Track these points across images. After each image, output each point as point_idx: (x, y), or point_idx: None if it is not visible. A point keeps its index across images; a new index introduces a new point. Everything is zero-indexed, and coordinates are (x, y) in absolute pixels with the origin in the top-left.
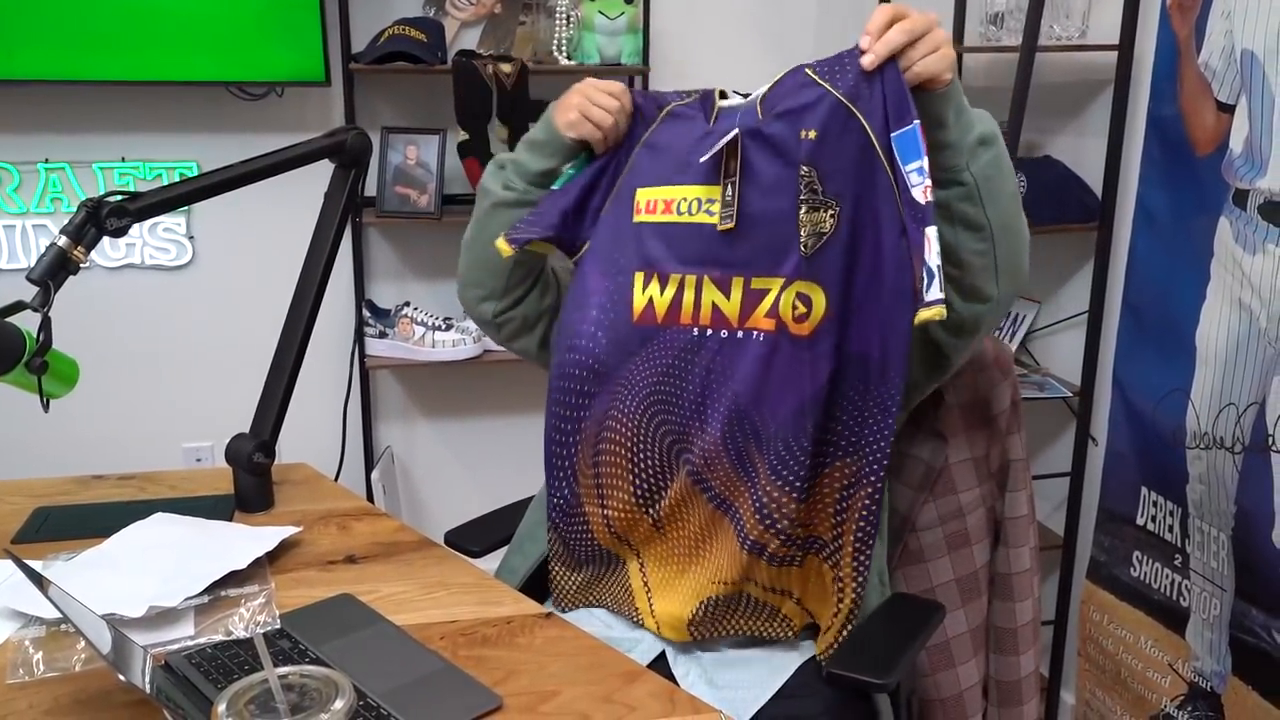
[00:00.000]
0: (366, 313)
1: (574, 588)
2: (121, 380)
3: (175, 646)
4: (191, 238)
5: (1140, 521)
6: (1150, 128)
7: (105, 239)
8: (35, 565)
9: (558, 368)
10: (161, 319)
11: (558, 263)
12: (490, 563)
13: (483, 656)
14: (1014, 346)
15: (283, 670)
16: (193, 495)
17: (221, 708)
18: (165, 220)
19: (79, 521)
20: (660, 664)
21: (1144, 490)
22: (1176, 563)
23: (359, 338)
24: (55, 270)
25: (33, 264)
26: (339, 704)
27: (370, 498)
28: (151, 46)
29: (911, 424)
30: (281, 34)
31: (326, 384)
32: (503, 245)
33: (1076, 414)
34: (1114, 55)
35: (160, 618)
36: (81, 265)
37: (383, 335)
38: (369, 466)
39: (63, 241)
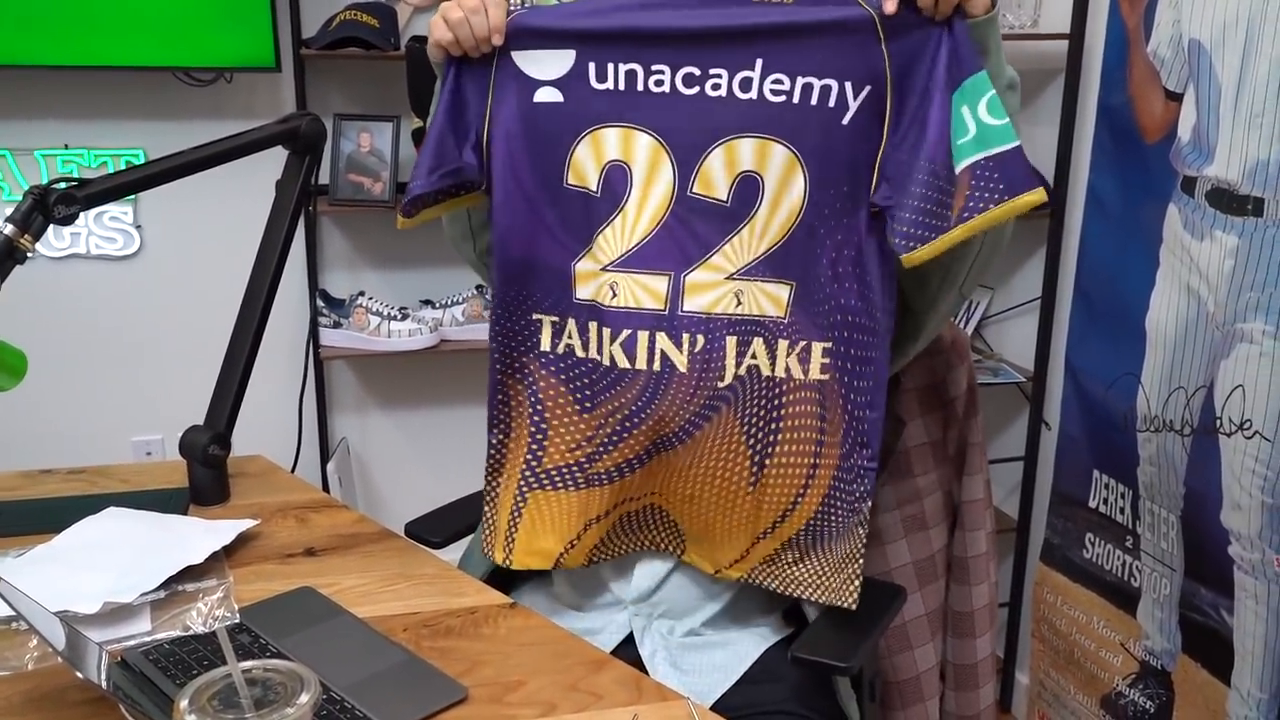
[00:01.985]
0: (320, 303)
1: None
2: (68, 372)
3: (132, 643)
4: (139, 226)
5: (1093, 504)
6: (1100, 116)
7: (51, 227)
8: None
9: None
10: (108, 310)
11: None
12: (452, 553)
13: (447, 648)
14: (969, 332)
15: (246, 664)
16: (145, 489)
17: (184, 703)
18: (111, 209)
19: (28, 517)
20: (629, 646)
21: (1096, 473)
22: (1128, 544)
23: (313, 328)
24: (1, 260)
25: None
26: (304, 698)
27: (326, 490)
28: (95, 30)
29: None
30: (230, 18)
31: (280, 375)
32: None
33: (1030, 399)
34: (1065, 44)
35: (115, 614)
36: (28, 255)
37: (337, 325)
38: (325, 458)
39: (9, 230)
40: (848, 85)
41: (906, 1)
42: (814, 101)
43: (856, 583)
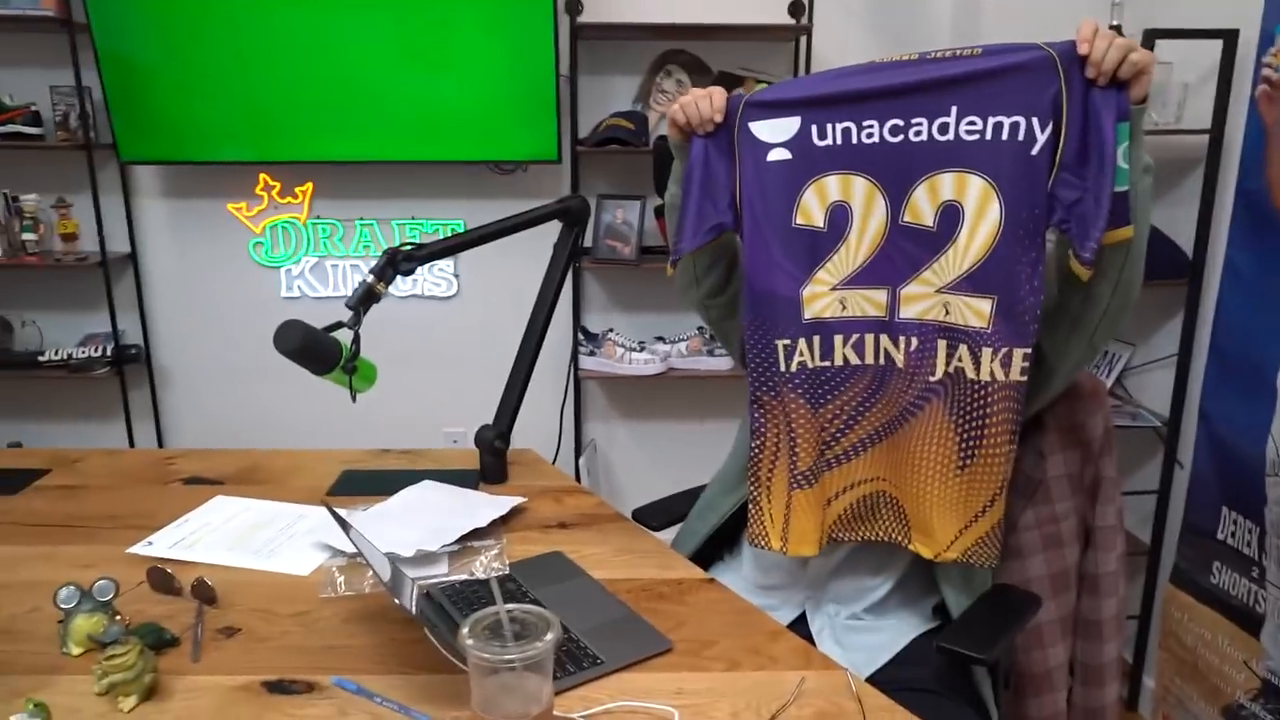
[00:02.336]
0: (580, 336)
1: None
2: (405, 380)
3: (434, 581)
4: (457, 275)
5: (1221, 536)
6: (1238, 198)
7: (399, 277)
8: (341, 513)
9: None
10: (434, 336)
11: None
12: (667, 534)
13: (658, 609)
14: (1110, 382)
15: (510, 606)
16: (450, 468)
17: (465, 630)
18: (440, 263)
19: (372, 483)
20: (800, 624)
21: (1225, 509)
22: (1254, 574)
23: (574, 355)
24: (364, 300)
25: (349, 294)
26: (550, 636)
27: (578, 479)
28: (434, 136)
29: (1020, 443)
30: (527, 126)
31: (549, 389)
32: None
33: (1164, 441)
34: (1205, 138)
35: (424, 558)
36: (382, 296)
37: (592, 354)
38: (577, 454)
39: (370, 279)
40: (1034, 120)
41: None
42: (1005, 137)
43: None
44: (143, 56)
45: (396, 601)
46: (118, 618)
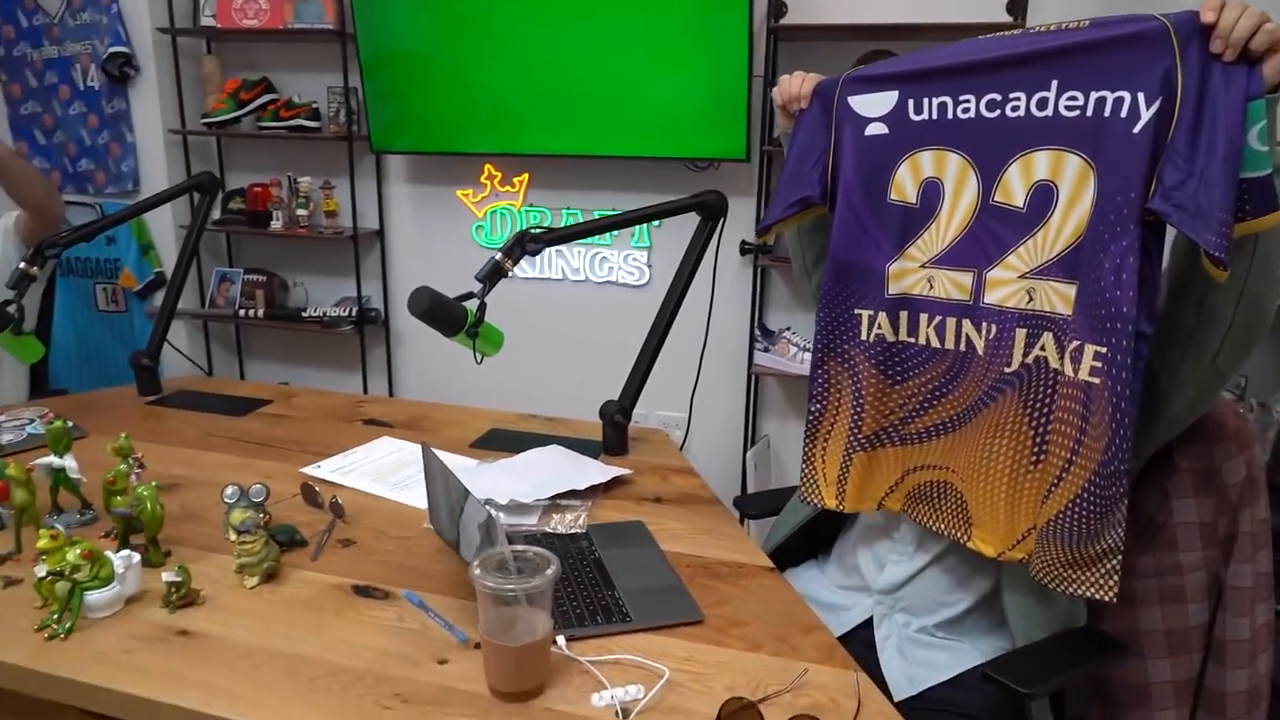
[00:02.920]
0: (758, 332)
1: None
2: (596, 360)
3: (523, 530)
4: (650, 265)
5: None
6: None
7: (526, 258)
8: (473, 462)
9: None
10: (624, 322)
11: None
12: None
13: (709, 586)
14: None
15: (516, 548)
16: (580, 437)
17: (476, 563)
18: (634, 253)
19: (513, 441)
20: (867, 629)
21: None
22: None
23: (751, 351)
24: (492, 275)
25: (553, 275)
26: (549, 571)
27: (743, 471)
28: (636, 133)
29: (1141, 475)
30: (720, 125)
31: (729, 383)
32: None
33: None
34: None
35: (518, 508)
36: (509, 272)
37: (766, 350)
38: (745, 448)
39: (499, 257)
40: (1140, 96)
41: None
42: (1106, 113)
43: (1115, 578)
44: (396, 63)
45: (428, 526)
46: (261, 516)
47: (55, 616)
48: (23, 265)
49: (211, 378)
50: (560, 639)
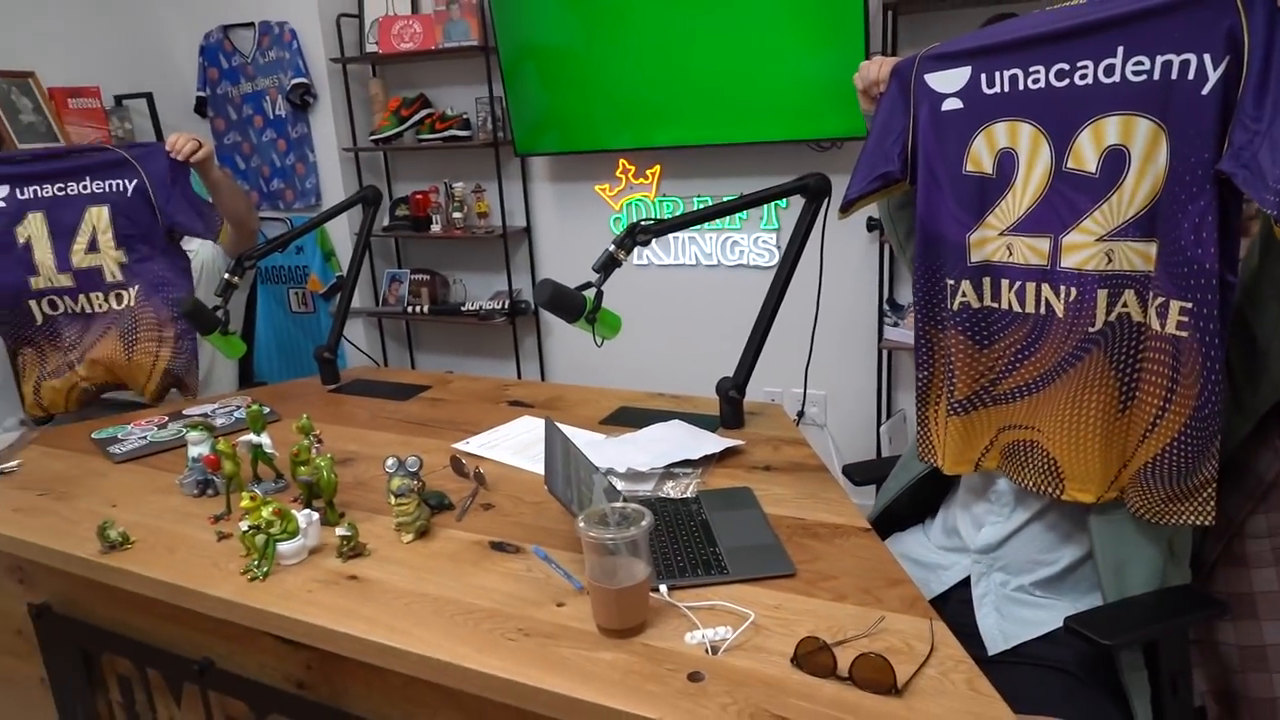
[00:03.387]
0: (886, 307)
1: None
2: (732, 341)
3: (638, 495)
4: (779, 248)
5: None
6: None
7: (638, 247)
8: (600, 437)
9: None
10: (756, 302)
11: None
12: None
13: (805, 544)
14: None
15: (616, 504)
16: (700, 413)
17: (581, 517)
18: (763, 235)
19: (639, 417)
20: (965, 588)
21: None
22: None
23: (880, 326)
24: (607, 265)
25: (687, 261)
26: (644, 523)
27: (878, 446)
28: (760, 119)
29: (1255, 433)
30: (841, 104)
31: (860, 359)
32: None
33: None
34: None
35: (634, 475)
36: (622, 262)
37: (896, 325)
38: (879, 422)
39: (613, 248)
40: (1206, 57)
41: None
42: (1174, 76)
43: (1211, 504)
44: (533, 71)
45: (547, 487)
46: (415, 483)
47: (255, 563)
48: (226, 275)
49: (383, 368)
50: (663, 588)
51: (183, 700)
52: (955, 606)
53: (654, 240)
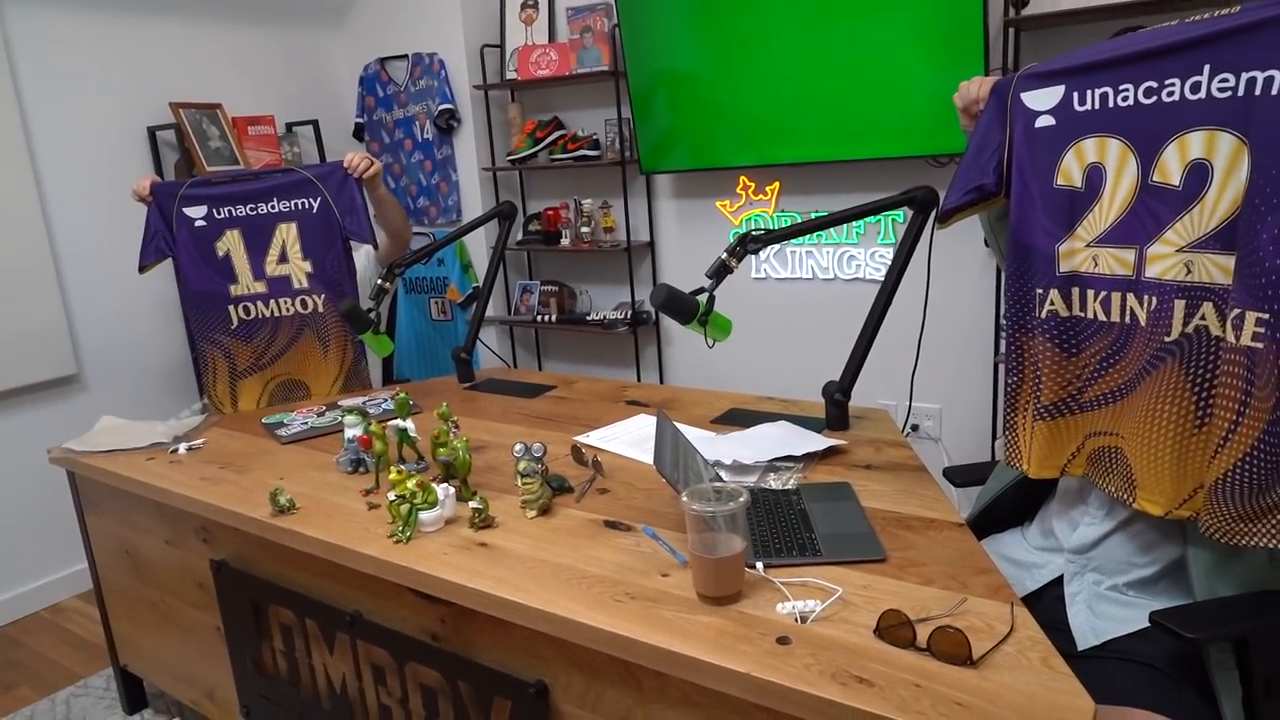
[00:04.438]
0: (1003, 320)
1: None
2: (829, 348)
3: (745, 485)
4: None
5: None
6: None
7: (751, 256)
8: (710, 434)
9: None
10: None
11: None
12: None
13: (898, 535)
14: None
15: (716, 485)
16: (807, 415)
17: (684, 493)
18: (879, 249)
19: (748, 417)
20: (1057, 586)
21: None
22: None
23: (997, 340)
24: (719, 272)
25: (804, 274)
26: (741, 499)
27: (992, 456)
28: (878, 135)
29: None
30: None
31: (976, 372)
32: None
33: None
34: None
35: (739, 468)
36: (734, 269)
37: None
38: (994, 435)
39: (724, 256)
40: None
41: None
42: (1258, 92)
43: None
44: (659, 93)
45: (654, 465)
46: (539, 466)
47: (399, 528)
48: (379, 281)
49: (512, 369)
50: (759, 564)
51: (335, 648)
52: (1048, 603)
53: (767, 251)
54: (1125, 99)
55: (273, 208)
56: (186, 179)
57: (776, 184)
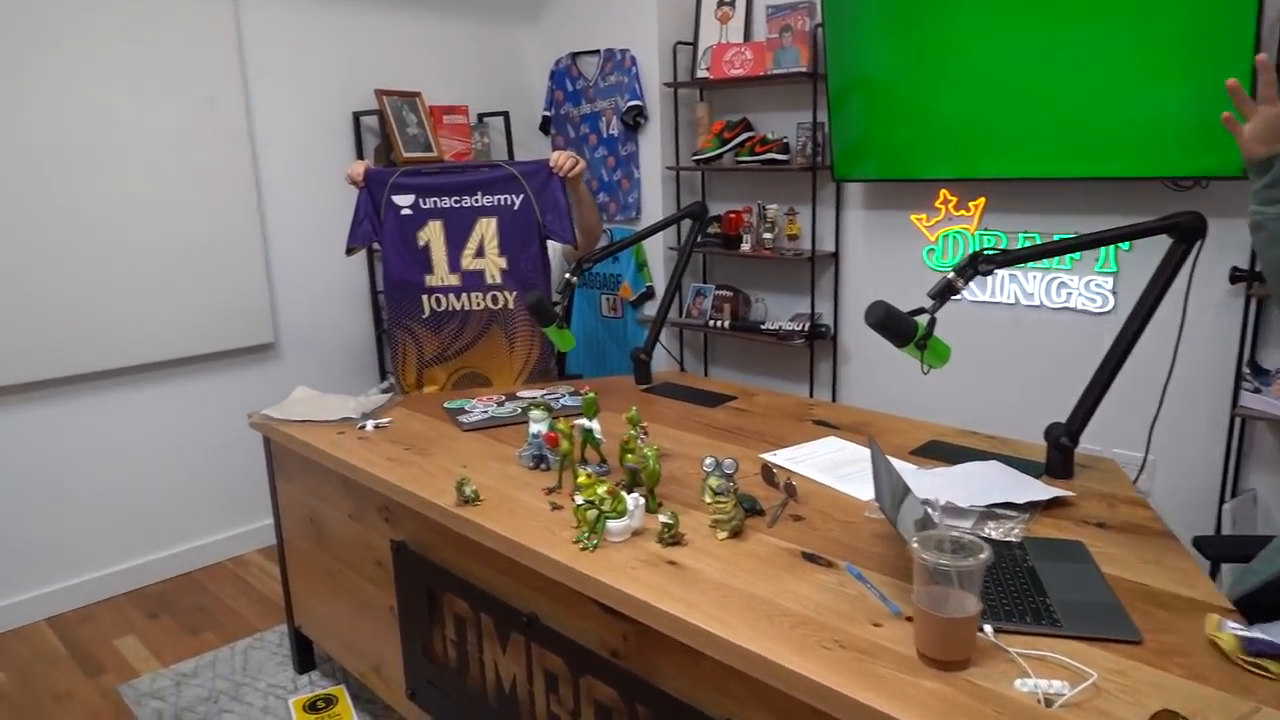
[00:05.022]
0: (1247, 370)
1: None
2: (1049, 389)
3: (955, 532)
4: (1115, 293)
5: None
6: None
7: (976, 278)
8: (911, 467)
9: None
10: (1083, 350)
11: None
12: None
13: (1150, 612)
14: None
15: (953, 534)
16: (1021, 456)
17: (915, 538)
18: (1096, 279)
19: (950, 453)
20: None
21: None
22: None
23: (1237, 391)
24: (943, 292)
25: (1004, 299)
26: (982, 556)
27: (1218, 524)
28: (1106, 152)
29: None
30: (1212, 140)
31: (1204, 425)
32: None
33: None
34: None
35: (953, 510)
36: (959, 291)
37: (1257, 391)
38: (1223, 497)
39: (951, 275)
40: None
41: None
42: None
43: None
44: (860, 97)
45: (869, 515)
46: (733, 485)
47: (585, 535)
48: (568, 275)
49: (686, 374)
50: (988, 628)
51: (508, 647)
52: None
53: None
54: None
55: (476, 201)
56: (398, 167)
57: (982, 200)
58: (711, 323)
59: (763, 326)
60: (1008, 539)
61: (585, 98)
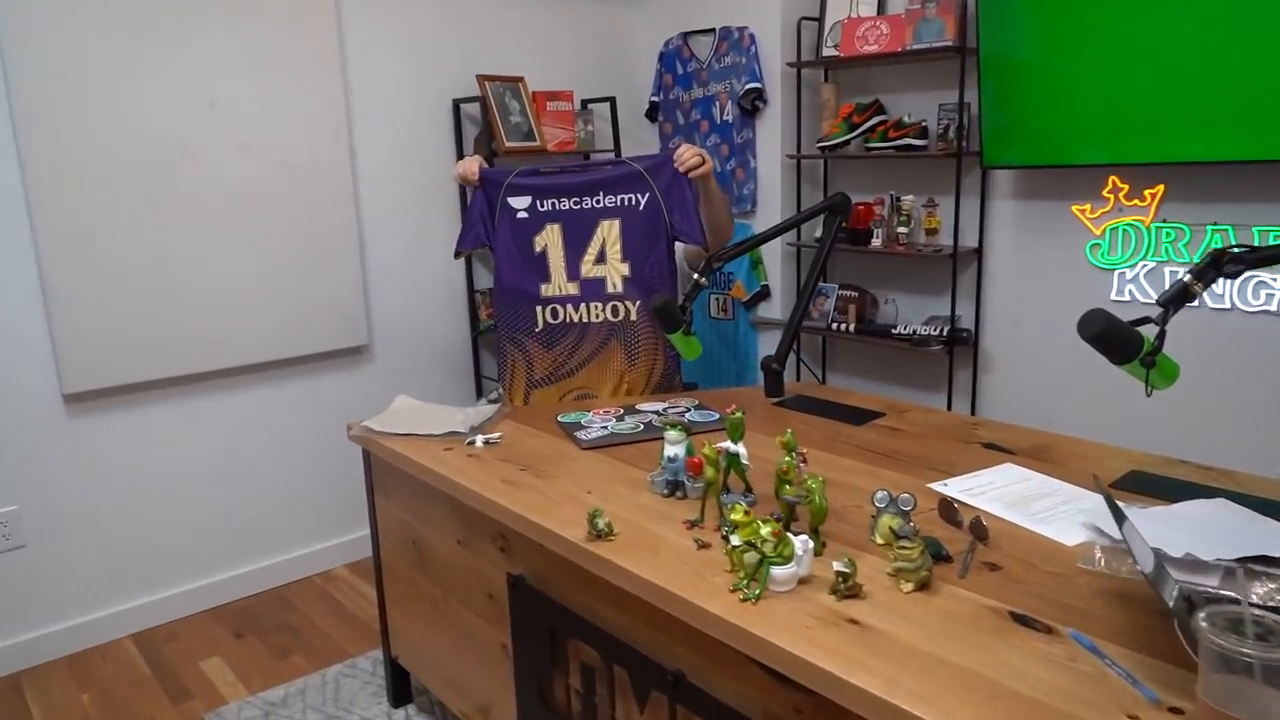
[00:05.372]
0: None
1: None
2: (1240, 402)
3: (1199, 587)
4: None
5: None
6: None
7: (1223, 281)
8: (1120, 505)
9: None
10: (1274, 355)
11: None
12: None
13: None
14: None
15: (1257, 610)
16: (1256, 494)
17: (1203, 614)
18: None
19: (1159, 486)
20: None
21: None
22: None
23: None
24: (1177, 298)
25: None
26: None
27: None
28: None
29: None
30: None
31: None
32: None
33: None
34: None
35: (1192, 564)
36: (1197, 297)
37: None
38: None
39: (1188, 278)
40: None
41: None
42: None
43: None
44: (1017, 72)
45: (1156, 592)
46: (912, 524)
47: (744, 582)
48: (696, 275)
49: (822, 386)
50: None
51: (646, 707)
52: None
53: (1140, 269)
54: None
55: (598, 202)
56: (513, 166)
57: (1160, 187)
58: (834, 325)
59: (894, 330)
60: (1276, 603)
61: (697, 80)
